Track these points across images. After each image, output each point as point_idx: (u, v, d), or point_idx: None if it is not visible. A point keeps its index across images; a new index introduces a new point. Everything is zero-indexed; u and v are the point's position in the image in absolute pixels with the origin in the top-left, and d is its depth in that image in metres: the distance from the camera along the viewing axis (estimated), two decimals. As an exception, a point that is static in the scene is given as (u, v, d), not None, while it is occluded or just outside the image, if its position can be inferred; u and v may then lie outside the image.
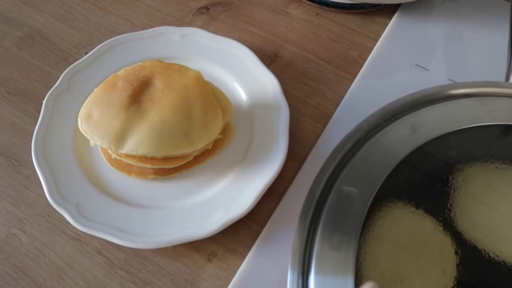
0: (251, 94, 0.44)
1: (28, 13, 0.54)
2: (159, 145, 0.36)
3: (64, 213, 0.37)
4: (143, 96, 0.37)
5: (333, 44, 0.51)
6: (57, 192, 0.38)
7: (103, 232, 0.36)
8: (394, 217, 0.33)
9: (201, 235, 0.36)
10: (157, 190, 0.40)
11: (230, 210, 0.37)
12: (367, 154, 0.35)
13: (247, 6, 0.55)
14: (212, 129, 0.38)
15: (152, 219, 0.38)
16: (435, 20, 0.54)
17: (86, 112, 0.37)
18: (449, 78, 0.48)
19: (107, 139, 0.36)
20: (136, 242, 0.36)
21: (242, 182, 0.39)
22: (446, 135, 0.36)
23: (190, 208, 0.38)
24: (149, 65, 0.39)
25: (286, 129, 0.41)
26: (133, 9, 0.54)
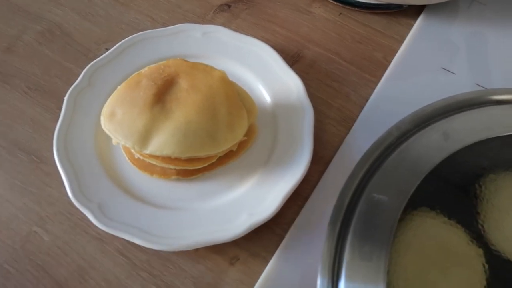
0: (275, 95, 0.44)
1: (48, 7, 0.53)
2: (183, 146, 0.35)
3: (87, 212, 0.36)
4: (167, 96, 0.36)
5: (357, 45, 0.50)
6: (79, 191, 0.38)
7: (126, 232, 0.36)
8: (425, 227, 0.33)
9: (224, 239, 0.36)
10: (180, 191, 0.39)
11: (254, 214, 0.37)
12: (397, 161, 0.34)
13: (269, 4, 0.54)
14: (238, 130, 0.37)
15: (175, 220, 0.37)
16: (461, 22, 0.52)
17: (109, 110, 0.37)
18: (477, 82, 0.47)
19: (131, 139, 0.35)
20: (160, 244, 0.35)
21: (266, 185, 0.39)
22: (479, 143, 0.35)
23: (213, 210, 0.38)
24: (173, 63, 0.38)
25: (311, 131, 0.40)
26: (154, 5, 0.53)
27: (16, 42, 0.50)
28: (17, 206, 0.40)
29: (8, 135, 0.44)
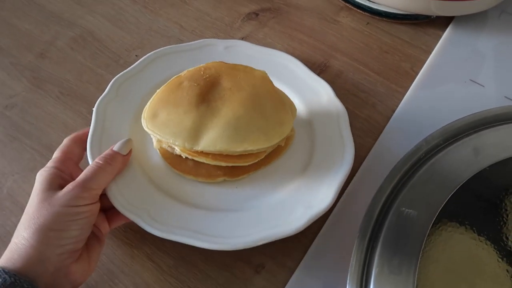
0: (305, 100, 0.44)
1: (80, 14, 0.55)
2: (237, 140, 0.35)
3: (137, 219, 0.35)
4: (211, 95, 0.37)
5: (385, 55, 0.50)
6: (125, 200, 0.36)
7: (183, 236, 0.35)
8: (454, 242, 0.33)
9: (287, 233, 0.35)
10: (226, 195, 0.39)
11: (310, 207, 0.36)
12: (427, 176, 0.34)
13: (296, 13, 0.55)
14: (286, 124, 0.37)
15: (230, 221, 0.37)
16: (490, 33, 0.52)
17: (151, 112, 0.37)
18: (505, 95, 0.46)
19: (180, 136, 0.35)
20: (223, 244, 0.35)
21: (315, 181, 0.39)
22: (509, 159, 0.34)
23: (267, 208, 0.38)
24: (213, 65, 0.38)
25: (348, 130, 0.41)
26: (182, 13, 0.54)
27: (50, 47, 0.52)
28: (50, 209, 0.41)
29: (41, 139, 0.45)
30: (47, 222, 0.31)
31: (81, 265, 0.33)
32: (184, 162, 0.39)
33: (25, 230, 0.31)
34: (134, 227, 0.40)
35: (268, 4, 0.56)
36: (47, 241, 0.30)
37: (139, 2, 0.56)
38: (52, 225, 0.31)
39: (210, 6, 0.55)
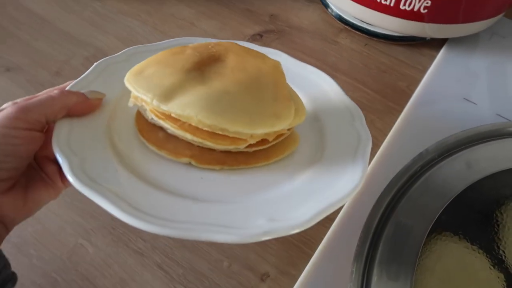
0: (314, 101, 0.40)
1: (94, 34, 0.58)
2: (211, 111, 0.29)
3: (64, 162, 0.29)
4: (208, 67, 0.32)
5: (382, 75, 0.53)
6: (66, 140, 0.31)
7: (101, 196, 0.28)
8: (449, 251, 0.35)
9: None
10: (185, 180, 0.32)
11: (276, 220, 0.29)
12: (422, 188, 0.36)
13: (298, 34, 0.58)
14: (282, 119, 0.31)
15: (176, 205, 0.30)
16: (482, 54, 0.55)
17: (139, 68, 0.33)
18: (498, 113, 0.49)
19: (153, 91, 0.30)
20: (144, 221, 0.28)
21: (300, 194, 0.32)
22: (500, 173, 0.37)
23: (228, 207, 0.31)
24: (225, 44, 0.35)
25: (366, 155, 0.34)
26: (190, 34, 0.57)
27: (65, 66, 0.55)
28: (65, 220, 0.43)
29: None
30: None
31: (11, 200, 0.29)
32: (155, 133, 0.34)
33: None
34: (145, 236, 0.42)
35: (272, 26, 0.59)
36: None
37: (149, 24, 0.59)
38: None
39: (216, 28, 0.58)
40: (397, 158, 0.44)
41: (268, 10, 0.61)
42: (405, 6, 0.47)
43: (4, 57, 0.56)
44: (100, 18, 0.60)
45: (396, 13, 0.49)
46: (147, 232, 0.41)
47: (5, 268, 0.29)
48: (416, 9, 0.47)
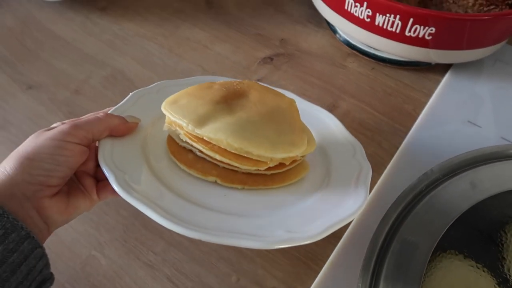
0: (321, 136, 0.45)
1: (112, 56, 0.60)
2: (239, 136, 0.34)
3: (111, 176, 0.33)
4: (234, 101, 0.37)
5: (388, 98, 0.55)
6: (110, 157, 0.35)
7: (149, 208, 0.31)
8: (454, 269, 0.35)
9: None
10: (211, 196, 0.36)
11: (292, 232, 0.32)
12: (427, 207, 0.37)
13: (307, 58, 0.60)
14: (297, 146, 0.36)
15: (207, 215, 0.34)
16: (486, 79, 0.57)
17: (173, 98, 0.38)
18: (502, 136, 0.50)
19: (188, 117, 0.35)
20: (184, 227, 0.31)
21: (312, 211, 0.36)
22: (504, 193, 0.38)
23: (250, 220, 0.35)
24: (247, 82, 0.40)
25: (367, 184, 0.38)
26: (205, 56, 0.60)
27: (84, 85, 0.57)
28: (79, 231, 0.45)
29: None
30: (26, 151, 0.31)
31: (55, 203, 0.32)
32: (185, 154, 0.38)
33: (6, 160, 0.31)
34: (156, 249, 0.43)
35: (282, 50, 0.61)
36: (20, 168, 0.30)
37: (165, 47, 0.62)
38: (29, 154, 0.31)
39: (229, 50, 0.61)
40: (403, 178, 0.45)
41: (278, 35, 0.63)
42: (410, 32, 0.49)
43: (26, 75, 0.59)
44: (118, 40, 0.63)
45: (402, 39, 0.51)
46: (158, 245, 0.43)
47: (46, 267, 0.31)
48: (421, 35, 0.49)
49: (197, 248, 0.43)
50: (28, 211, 0.31)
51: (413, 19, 0.48)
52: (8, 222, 0.28)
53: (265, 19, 0.66)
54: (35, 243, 0.29)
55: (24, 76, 0.59)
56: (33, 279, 0.29)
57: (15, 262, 0.28)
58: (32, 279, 0.29)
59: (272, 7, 0.68)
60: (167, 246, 0.43)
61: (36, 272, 0.30)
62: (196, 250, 0.43)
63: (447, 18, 0.47)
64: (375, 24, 0.51)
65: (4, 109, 0.55)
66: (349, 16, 0.54)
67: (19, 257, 0.28)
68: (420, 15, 0.48)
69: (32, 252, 0.29)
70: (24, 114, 0.54)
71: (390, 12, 0.49)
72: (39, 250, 0.30)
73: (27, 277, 0.29)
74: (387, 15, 0.49)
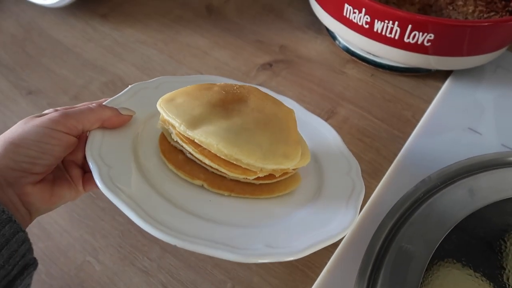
0: (317, 148, 0.44)
1: (112, 62, 0.61)
2: (230, 142, 0.33)
3: (95, 168, 0.32)
4: (232, 106, 0.36)
5: (388, 104, 0.55)
6: (97, 149, 0.35)
7: (127, 207, 0.31)
8: (451, 278, 0.35)
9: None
10: (196, 200, 0.36)
11: (272, 247, 0.32)
12: (425, 214, 0.37)
13: (306, 64, 0.60)
14: (290, 159, 0.35)
15: (189, 221, 0.33)
16: (487, 85, 0.56)
17: (170, 96, 0.37)
18: (502, 143, 0.49)
19: (182, 117, 0.34)
20: (163, 233, 0.30)
21: (297, 228, 0.35)
22: (503, 201, 0.37)
23: (230, 229, 0.34)
24: (248, 87, 0.39)
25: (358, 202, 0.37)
26: (204, 62, 0.60)
27: (83, 91, 0.57)
28: (74, 237, 0.44)
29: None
30: (12, 136, 0.30)
31: (39, 191, 0.32)
32: (175, 155, 0.38)
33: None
34: (151, 255, 0.42)
35: (281, 56, 0.61)
36: (4, 153, 0.30)
37: (165, 53, 0.62)
38: (14, 140, 0.30)
39: (228, 56, 0.61)
40: (401, 185, 0.44)
41: (278, 41, 0.64)
42: (409, 39, 0.49)
43: (27, 80, 0.59)
44: (118, 46, 0.63)
45: (401, 46, 0.51)
46: (153, 252, 0.43)
47: (28, 252, 0.30)
48: (420, 42, 0.49)
49: (192, 255, 0.42)
50: (10, 197, 0.30)
51: (412, 25, 0.48)
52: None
53: (265, 25, 0.66)
54: (17, 227, 0.29)
55: (25, 82, 0.59)
56: (15, 264, 0.29)
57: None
58: (14, 263, 0.29)
59: (272, 13, 0.68)
60: (162, 252, 0.43)
61: (18, 257, 0.29)
62: (192, 256, 0.42)
63: (446, 24, 0.47)
64: (374, 30, 0.51)
65: (4, 114, 0.55)
66: (348, 22, 0.54)
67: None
68: (419, 22, 0.47)
69: (13, 236, 0.29)
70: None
71: (389, 18, 0.49)
72: (21, 234, 0.29)
73: (8, 261, 0.28)
74: (385, 21, 0.49)
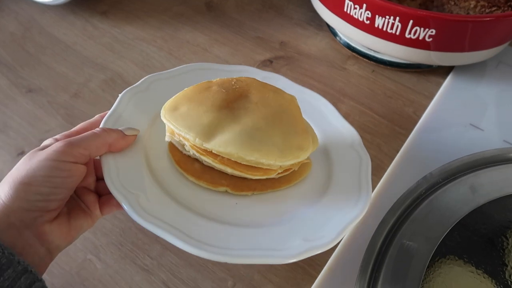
0: (329, 140, 0.44)
1: (111, 59, 0.60)
2: (249, 148, 0.33)
3: (122, 200, 0.32)
4: (236, 104, 0.36)
5: (389, 100, 0.54)
6: (117, 176, 0.34)
7: (163, 230, 0.31)
8: (453, 275, 0.34)
9: (279, 260, 0.32)
10: (223, 207, 0.36)
11: (309, 240, 0.33)
12: (427, 211, 0.37)
13: (307, 60, 0.59)
14: (304, 149, 0.36)
15: (219, 230, 0.34)
16: (489, 81, 0.56)
17: (172, 105, 0.36)
18: (504, 139, 0.49)
19: (194, 130, 0.34)
20: (201, 249, 0.31)
21: (323, 215, 0.36)
22: (505, 198, 0.37)
23: (263, 231, 0.34)
24: (245, 79, 0.39)
25: (368, 175, 0.39)
26: (203, 59, 0.60)
27: (83, 88, 0.57)
28: (75, 235, 0.44)
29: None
30: (20, 175, 0.29)
31: (57, 228, 0.31)
32: (191, 164, 0.37)
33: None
34: (152, 253, 0.42)
35: (282, 52, 0.61)
36: (15, 194, 0.28)
37: (164, 49, 0.62)
38: (24, 179, 0.29)
39: (228, 53, 0.61)
40: (403, 182, 0.44)
41: (278, 38, 0.63)
42: (410, 34, 0.49)
43: (27, 79, 0.59)
44: (118, 43, 0.63)
45: (402, 42, 0.51)
46: (154, 250, 0.43)
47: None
48: (421, 37, 0.49)
49: (193, 253, 0.42)
50: (28, 240, 0.29)
51: (413, 20, 0.47)
52: (4, 257, 0.26)
53: (265, 22, 0.66)
54: (33, 277, 0.28)
55: (25, 80, 0.59)
56: None
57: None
58: None
59: (272, 10, 0.68)
60: (163, 250, 0.43)
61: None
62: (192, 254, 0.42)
63: (447, 19, 0.46)
64: (375, 26, 0.51)
65: (3, 112, 0.55)
66: (349, 18, 0.53)
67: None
68: (420, 17, 0.47)
69: (30, 287, 0.28)
70: (23, 118, 0.54)
71: (390, 14, 0.48)
72: (38, 284, 0.28)
73: None
74: (386, 17, 0.49)
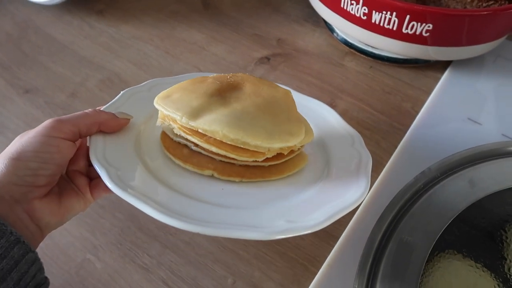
0: (319, 128, 0.44)
1: (108, 59, 0.60)
2: (234, 126, 0.33)
3: (102, 172, 0.32)
4: (228, 94, 0.36)
5: (387, 96, 0.54)
6: (102, 152, 0.34)
7: (141, 201, 0.30)
8: (452, 269, 0.34)
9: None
10: (208, 190, 0.36)
11: (294, 222, 0.32)
12: (425, 205, 0.37)
13: (304, 57, 0.59)
14: (295, 136, 0.35)
15: (201, 207, 0.33)
16: (487, 75, 0.56)
17: (166, 93, 0.37)
18: (503, 133, 0.49)
19: (182, 110, 0.34)
20: (180, 220, 0.30)
21: (313, 203, 0.35)
22: (504, 191, 0.37)
23: (251, 212, 0.34)
24: (241, 75, 0.39)
25: (368, 173, 0.37)
26: (201, 58, 0.59)
27: (80, 88, 0.57)
28: (74, 235, 0.44)
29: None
30: (10, 152, 0.30)
31: (47, 205, 0.31)
32: (180, 149, 0.38)
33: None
34: (151, 252, 0.42)
35: (279, 49, 0.61)
36: (6, 169, 0.29)
37: (161, 48, 0.62)
38: (13, 154, 0.29)
39: (225, 51, 0.60)
40: (402, 177, 0.44)
41: (275, 35, 0.63)
42: (407, 29, 0.49)
43: (23, 79, 0.59)
44: (114, 43, 0.63)
45: (399, 37, 0.51)
46: (153, 248, 0.43)
47: (39, 271, 0.30)
48: (418, 32, 0.49)
49: (192, 251, 0.42)
50: (18, 214, 0.30)
51: (410, 15, 0.47)
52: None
53: (262, 19, 0.66)
54: (26, 247, 0.28)
55: (21, 80, 0.59)
56: (25, 285, 0.29)
57: (5, 269, 0.27)
58: (24, 285, 0.28)
59: (269, 7, 0.68)
60: (162, 249, 0.43)
61: (29, 278, 0.29)
62: (192, 252, 0.42)
63: (444, 14, 0.46)
64: (372, 21, 0.51)
65: (0, 113, 0.55)
66: (346, 14, 0.53)
67: (9, 263, 0.27)
68: (417, 12, 0.47)
69: (23, 257, 0.28)
70: (20, 119, 0.54)
71: (386, 9, 0.48)
72: (31, 255, 0.29)
73: (18, 283, 0.28)
74: (383, 12, 0.49)
